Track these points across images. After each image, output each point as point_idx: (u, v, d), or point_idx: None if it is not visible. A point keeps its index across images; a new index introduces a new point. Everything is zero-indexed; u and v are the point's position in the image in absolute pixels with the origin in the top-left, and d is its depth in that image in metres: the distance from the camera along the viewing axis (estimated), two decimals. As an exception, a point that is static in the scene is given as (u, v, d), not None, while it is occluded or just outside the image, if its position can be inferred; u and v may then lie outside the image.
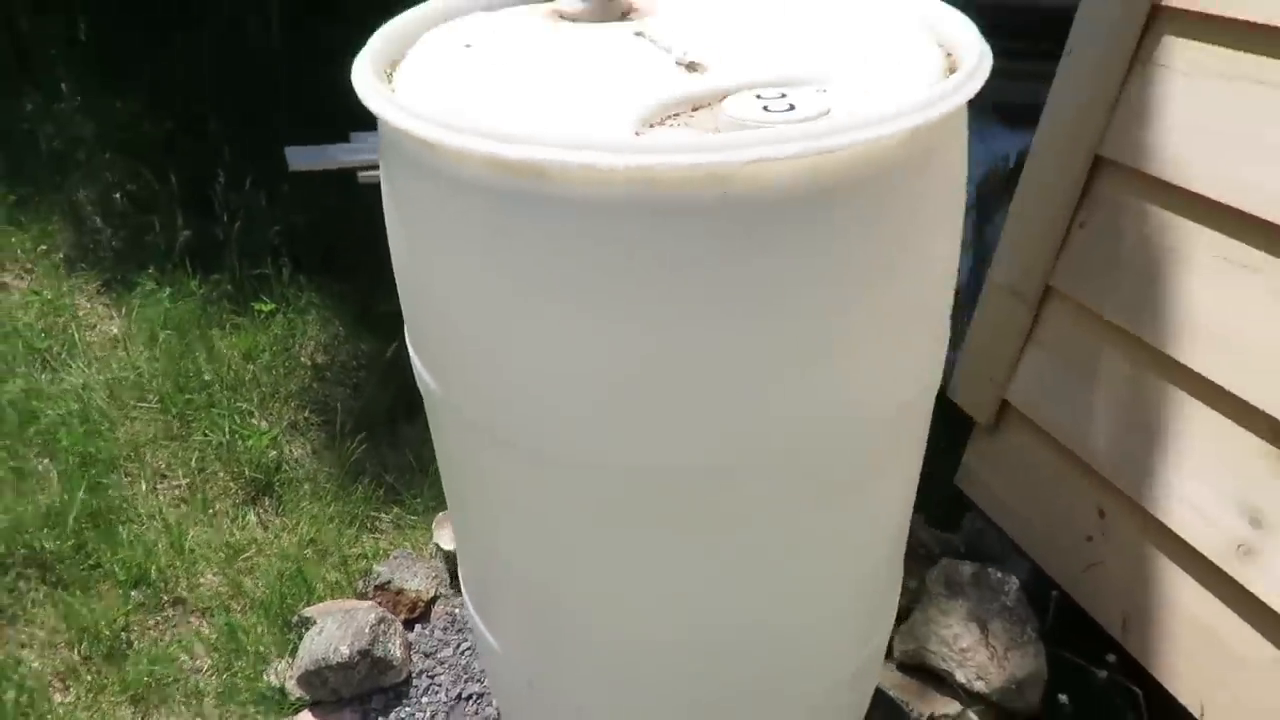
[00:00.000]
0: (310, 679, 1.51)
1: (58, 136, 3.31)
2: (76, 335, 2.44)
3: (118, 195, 2.99)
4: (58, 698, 1.57)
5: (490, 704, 1.55)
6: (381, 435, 2.20)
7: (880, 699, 1.63)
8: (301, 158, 2.29)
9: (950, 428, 1.95)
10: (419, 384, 1.07)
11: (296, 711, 1.54)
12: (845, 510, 0.99)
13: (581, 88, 0.90)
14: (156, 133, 3.42)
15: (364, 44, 0.95)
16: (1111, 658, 1.61)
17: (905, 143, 0.78)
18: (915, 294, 0.91)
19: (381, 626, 1.55)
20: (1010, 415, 1.89)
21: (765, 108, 0.79)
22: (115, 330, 2.50)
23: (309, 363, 2.42)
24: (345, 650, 1.50)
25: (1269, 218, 1.31)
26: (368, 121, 0.87)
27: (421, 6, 1.06)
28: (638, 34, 1.00)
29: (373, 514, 1.99)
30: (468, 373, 0.94)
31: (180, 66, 3.70)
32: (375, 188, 1.00)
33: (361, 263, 2.65)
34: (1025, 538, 1.86)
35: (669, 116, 0.85)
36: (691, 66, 0.92)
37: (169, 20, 4.12)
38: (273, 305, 2.52)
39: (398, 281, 1.01)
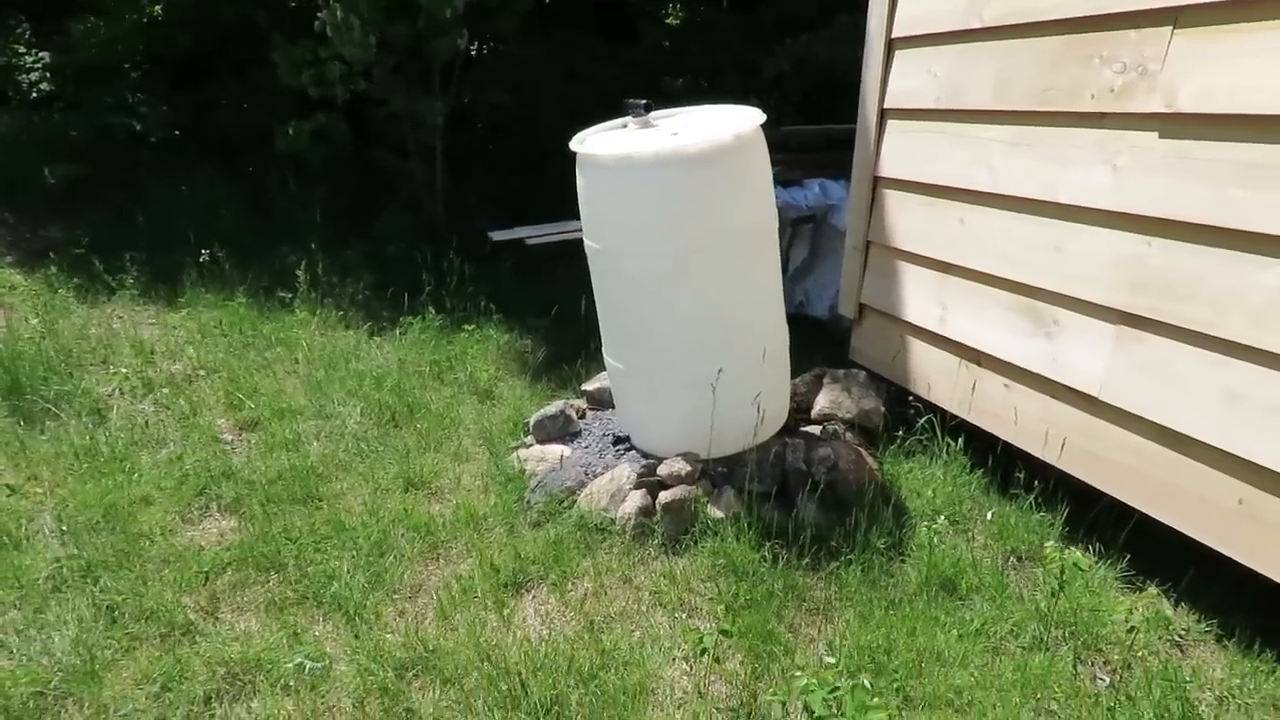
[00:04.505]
0: (538, 426, 3.36)
1: (316, 268, 5.48)
2: (373, 349, 4.47)
3: (359, 295, 5.11)
4: (419, 455, 3.42)
5: (616, 438, 3.35)
6: (544, 368, 4.13)
7: (799, 433, 3.39)
8: (497, 234, 4.34)
9: (843, 344, 3.82)
10: (588, 252, 3.02)
11: (531, 446, 3.38)
12: (751, 267, 2.90)
13: (638, 140, 2.90)
14: (374, 262, 5.62)
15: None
16: (911, 397, 3.39)
17: (735, 140, 2.75)
18: (754, 189, 2.87)
19: (567, 405, 3.43)
20: (865, 310, 3.75)
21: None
22: (389, 346, 4.52)
23: (497, 348, 4.40)
24: (553, 410, 3.37)
25: (932, 182, 3.23)
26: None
27: (592, 128, 3.09)
28: (655, 128, 3.02)
29: (548, 397, 3.88)
30: (607, 233, 2.90)
31: (386, 226, 6.01)
32: (536, 247, 3.02)
33: (519, 300, 4.71)
34: (876, 364, 3.67)
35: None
36: (674, 134, 2.92)
37: (373, 202, 6.51)
38: (474, 326, 4.53)
39: (582, 214, 2.98)
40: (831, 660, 2.03)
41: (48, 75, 8.81)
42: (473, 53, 8.49)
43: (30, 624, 2.42)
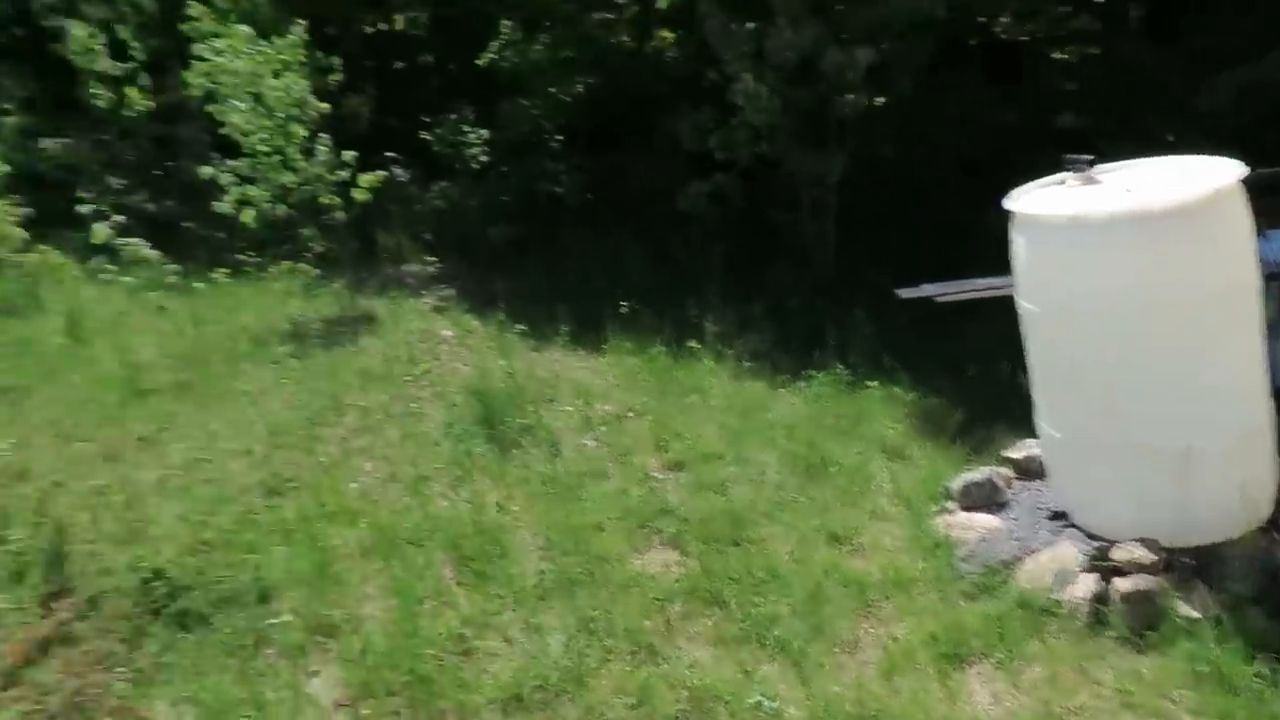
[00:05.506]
0: (963, 492, 3.31)
1: (723, 320, 5.83)
2: (779, 400, 4.70)
3: (761, 346, 5.37)
4: (837, 509, 3.49)
5: (1052, 512, 3.16)
6: (958, 431, 4.05)
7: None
8: (904, 292, 4.36)
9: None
10: (1023, 315, 2.93)
11: (955, 513, 3.30)
12: (1227, 332, 2.66)
13: (1088, 199, 2.76)
14: (772, 314, 5.91)
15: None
16: None
17: (1213, 194, 2.53)
18: (1232, 248, 2.60)
19: (994, 472, 3.34)
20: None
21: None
22: (794, 398, 4.71)
23: (903, 406, 4.41)
24: (979, 477, 3.30)
25: None
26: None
27: (1025, 185, 3.01)
28: (1101, 184, 2.85)
29: (964, 462, 3.76)
30: (1051, 296, 2.79)
31: (778, 280, 6.34)
32: (944, 305, 2.97)
33: (922, 358, 4.69)
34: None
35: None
36: (1128, 190, 2.74)
37: (763, 257, 6.88)
38: (878, 383, 4.58)
39: (1018, 275, 2.90)
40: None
41: (486, 149, 10.48)
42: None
43: (527, 626, 2.85)
